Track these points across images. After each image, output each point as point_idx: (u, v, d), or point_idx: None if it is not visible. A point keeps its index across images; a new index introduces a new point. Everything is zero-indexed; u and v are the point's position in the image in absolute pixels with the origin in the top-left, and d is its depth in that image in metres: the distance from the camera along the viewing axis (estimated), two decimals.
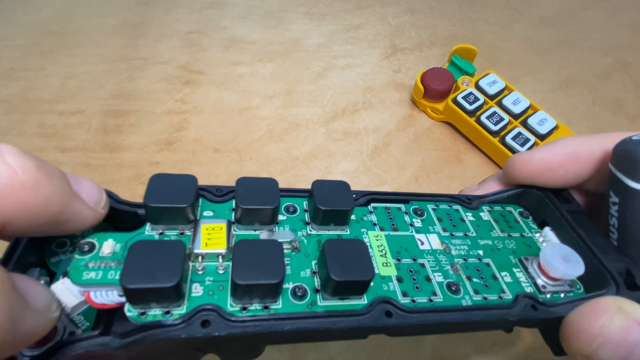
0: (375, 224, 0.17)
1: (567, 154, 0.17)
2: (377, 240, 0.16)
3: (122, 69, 0.35)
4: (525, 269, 0.16)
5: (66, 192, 0.11)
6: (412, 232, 0.17)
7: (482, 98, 0.30)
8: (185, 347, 0.12)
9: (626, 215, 0.15)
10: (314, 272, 0.14)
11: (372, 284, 0.14)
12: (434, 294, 0.15)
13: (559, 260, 0.15)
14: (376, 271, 0.15)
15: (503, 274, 0.16)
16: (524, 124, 0.30)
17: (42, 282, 0.12)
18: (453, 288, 0.15)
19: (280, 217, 0.16)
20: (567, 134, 0.29)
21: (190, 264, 0.13)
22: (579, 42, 0.40)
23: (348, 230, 0.16)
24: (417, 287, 0.15)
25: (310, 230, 0.16)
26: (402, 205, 0.18)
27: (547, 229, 0.18)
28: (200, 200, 0.15)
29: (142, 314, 0.12)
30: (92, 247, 0.13)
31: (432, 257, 0.16)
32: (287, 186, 0.29)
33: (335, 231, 0.16)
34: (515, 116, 0.30)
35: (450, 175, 0.30)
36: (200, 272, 0.13)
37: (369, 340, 0.17)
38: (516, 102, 0.30)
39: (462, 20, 0.41)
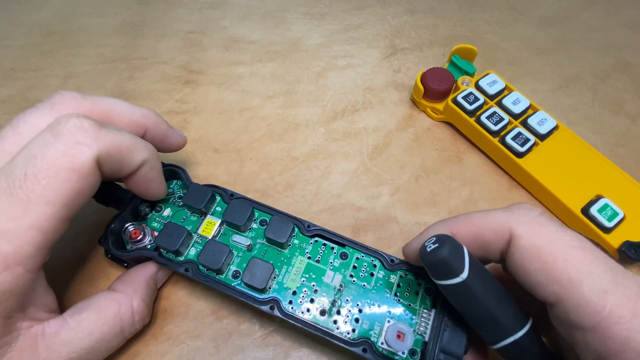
0: (307, 252, 0.22)
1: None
2: (300, 263, 0.22)
3: (122, 69, 0.35)
4: (384, 326, 0.20)
5: (168, 125, 0.23)
6: (327, 267, 0.22)
7: (482, 98, 0.30)
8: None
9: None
10: None
11: (276, 286, 0.21)
12: (308, 310, 0.20)
13: (392, 335, 0.19)
14: (284, 280, 0.21)
15: (365, 321, 0.20)
16: (524, 124, 0.30)
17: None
18: (322, 313, 0.20)
19: (254, 226, 0.23)
20: (567, 134, 0.29)
21: (195, 237, 0.22)
22: (579, 42, 0.40)
23: (287, 250, 0.22)
24: (300, 302, 0.20)
25: (263, 241, 0.22)
26: (335, 247, 0.22)
27: (434, 311, 0.20)
28: (218, 198, 0.24)
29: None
30: (161, 209, 0.24)
31: (326, 289, 0.21)
32: (286, 186, 0.29)
33: (277, 247, 0.22)
34: (515, 116, 0.30)
35: (450, 175, 0.30)
36: (198, 243, 0.22)
37: None
38: (516, 102, 0.30)
39: (462, 20, 0.41)
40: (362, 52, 0.38)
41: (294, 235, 0.22)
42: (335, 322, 0.20)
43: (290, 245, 0.22)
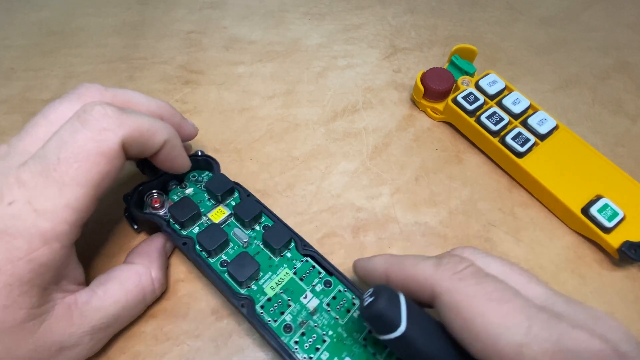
0: (295, 267, 0.22)
1: (365, 270, 0.20)
2: (284, 275, 0.22)
3: (122, 69, 0.35)
4: None
5: (182, 116, 0.24)
6: (308, 288, 0.22)
7: (482, 98, 0.30)
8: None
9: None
10: None
11: (255, 288, 0.21)
12: (275, 321, 0.20)
13: None
14: (264, 285, 0.22)
15: (325, 353, 0.20)
16: (524, 124, 0.30)
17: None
18: (287, 329, 0.20)
19: (257, 227, 0.24)
20: (567, 134, 0.29)
21: (204, 218, 0.24)
22: (579, 42, 0.40)
23: (278, 259, 0.23)
24: (271, 310, 0.21)
25: (259, 243, 0.23)
26: (323, 273, 0.22)
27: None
28: (236, 194, 0.25)
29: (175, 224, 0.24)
30: (185, 187, 0.26)
31: (298, 308, 0.21)
32: (286, 186, 0.29)
33: (270, 253, 0.23)
34: (515, 116, 0.30)
35: (450, 175, 0.30)
36: (204, 224, 0.24)
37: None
38: (516, 102, 0.30)
39: (462, 20, 0.41)
40: (362, 52, 0.38)
41: (289, 248, 0.23)
42: (296, 342, 0.20)
43: (282, 255, 0.23)
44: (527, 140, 0.28)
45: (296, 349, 0.20)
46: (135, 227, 0.25)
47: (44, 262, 0.16)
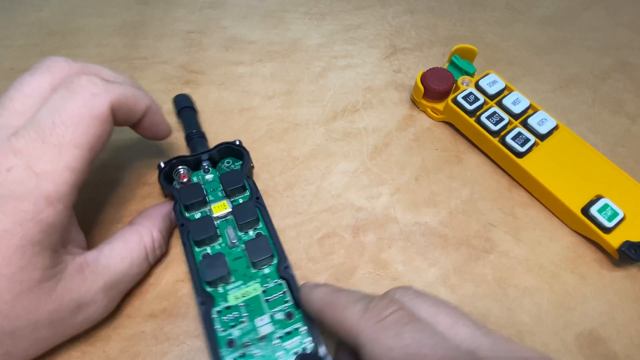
0: (266, 286, 0.22)
1: (304, 301, 0.20)
2: (253, 290, 0.22)
3: (122, 69, 0.35)
4: None
5: (139, 87, 0.23)
6: (267, 312, 0.21)
7: (482, 98, 0.30)
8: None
9: None
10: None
11: (222, 290, 0.22)
12: (223, 330, 0.20)
13: None
14: (229, 292, 0.22)
15: None
16: (524, 124, 0.30)
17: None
18: (230, 344, 0.20)
19: (250, 232, 0.24)
20: (567, 134, 0.29)
21: (207, 207, 0.25)
22: (579, 42, 0.40)
23: (254, 270, 0.23)
24: (224, 319, 0.21)
25: (244, 248, 0.23)
26: (291, 302, 0.21)
27: None
28: (248, 192, 0.26)
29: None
30: (208, 172, 0.27)
31: (250, 329, 0.20)
32: (286, 186, 0.29)
33: (250, 260, 0.22)
34: (515, 116, 0.30)
35: (450, 175, 0.30)
36: (206, 213, 0.25)
37: None
38: (516, 102, 0.30)
39: (462, 20, 0.41)
40: (362, 52, 0.38)
41: (270, 264, 0.23)
42: None
43: (259, 269, 0.23)
44: (527, 140, 0.28)
45: None
46: (165, 194, 0.26)
47: (51, 223, 0.17)
